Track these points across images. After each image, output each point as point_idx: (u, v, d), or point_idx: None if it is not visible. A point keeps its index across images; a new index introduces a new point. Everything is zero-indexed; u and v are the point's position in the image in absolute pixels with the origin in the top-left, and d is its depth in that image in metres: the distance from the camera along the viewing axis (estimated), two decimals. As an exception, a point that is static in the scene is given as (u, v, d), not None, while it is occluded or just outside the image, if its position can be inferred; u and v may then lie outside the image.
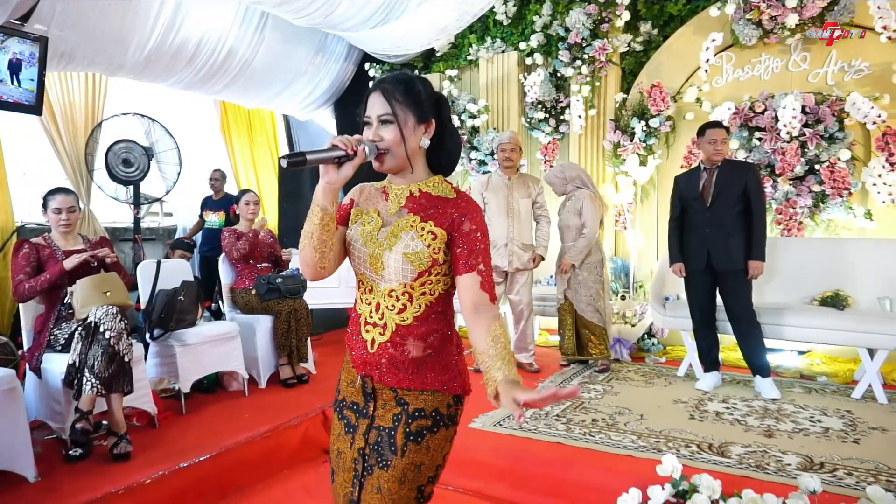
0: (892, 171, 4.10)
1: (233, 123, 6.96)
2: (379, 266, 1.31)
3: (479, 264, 1.29)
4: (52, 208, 3.02)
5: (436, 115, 1.36)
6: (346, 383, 1.41)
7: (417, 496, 1.30)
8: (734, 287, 3.58)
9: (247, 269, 4.14)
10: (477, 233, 1.31)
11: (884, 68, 4.22)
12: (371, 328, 1.33)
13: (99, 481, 2.48)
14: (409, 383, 1.31)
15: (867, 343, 3.54)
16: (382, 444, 1.29)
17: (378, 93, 1.31)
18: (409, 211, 1.34)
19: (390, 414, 1.32)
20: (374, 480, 1.28)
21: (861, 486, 2.30)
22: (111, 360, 2.77)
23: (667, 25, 5.16)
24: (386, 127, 1.30)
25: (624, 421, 3.15)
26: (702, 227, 3.64)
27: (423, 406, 1.31)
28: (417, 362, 1.31)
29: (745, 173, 3.59)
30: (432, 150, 1.39)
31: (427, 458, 1.30)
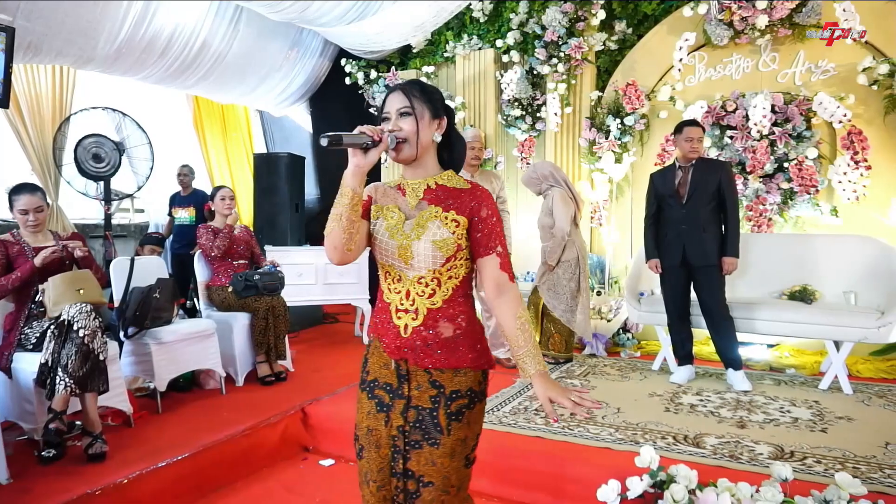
0: (857, 170, 4.24)
1: (206, 119, 6.86)
2: (408, 256, 1.42)
3: (497, 246, 1.44)
4: (18, 209, 2.93)
5: (446, 117, 1.51)
6: (379, 366, 1.49)
7: (465, 464, 1.47)
8: (708, 282, 3.66)
9: (223, 266, 4.08)
10: (493, 217, 1.44)
11: (849, 69, 4.35)
12: (403, 314, 1.44)
13: (74, 482, 2.43)
14: (444, 363, 1.42)
15: (833, 336, 3.65)
16: (426, 423, 1.42)
17: (398, 91, 1.46)
18: (430, 203, 1.46)
19: (427, 395, 1.43)
20: (425, 454, 1.42)
21: (829, 473, 2.38)
22: (85, 358, 2.71)
23: (641, 24, 5.24)
24: (404, 119, 1.43)
25: (601, 414, 3.20)
26: (677, 224, 3.71)
27: (459, 387, 1.43)
28: (449, 342, 1.43)
29: (718, 171, 3.67)
30: (443, 150, 1.53)
31: (469, 432, 1.45)
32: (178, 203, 5.71)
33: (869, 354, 4.16)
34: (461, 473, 1.45)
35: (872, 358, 4.15)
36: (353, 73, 6.40)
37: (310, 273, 5.08)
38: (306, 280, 5.06)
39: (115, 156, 4.84)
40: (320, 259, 5.12)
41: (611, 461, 2.57)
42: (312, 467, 3.09)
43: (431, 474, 1.42)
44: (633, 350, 4.71)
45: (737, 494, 2.12)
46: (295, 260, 5.01)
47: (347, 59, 6.43)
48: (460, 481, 1.45)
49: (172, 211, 5.73)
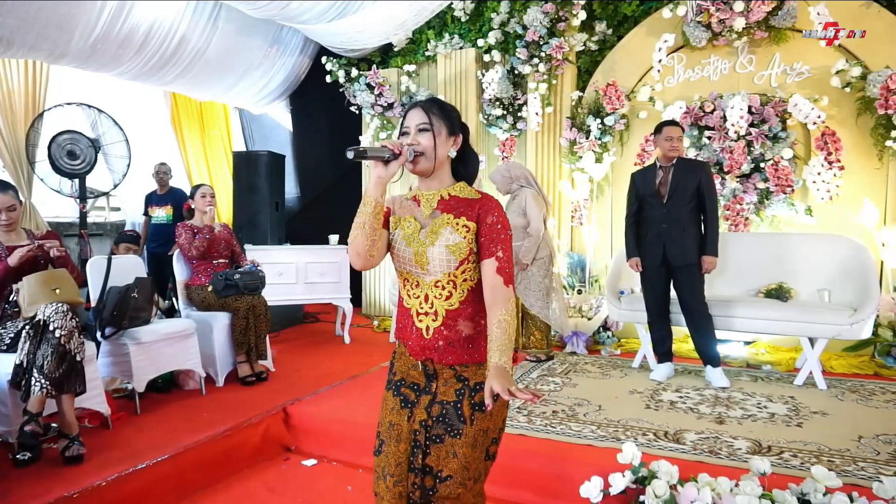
0: (830, 170, 4.34)
1: (184, 116, 6.77)
2: (424, 262, 1.51)
3: (497, 251, 1.50)
4: None
5: (462, 134, 1.60)
6: (407, 368, 1.59)
7: (486, 456, 1.52)
8: (688, 280, 3.72)
9: (203, 265, 4.03)
10: (497, 224, 1.51)
11: (823, 71, 4.45)
12: (424, 317, 1.53)
13: (51, 485, 2.38)
14: (468, 358, 1.51)
15: (808, 332, 3.73)
16: (449, 415, 1.50)
17: (418, 108, 1.55)
18: (442, 211, 1.55)
19: (452, 389, 1.51)
20: (447, 447, 1.48)
21: (806, 466, 2.43)
22: (62, 359, 2.66)
23: (621, 26, 5.30)
24: (423, 134, 1.53)
25: (583, 412, 3.23)
26: (657, 223, 3.75)
27: (482, 380, 1.49)
28: (470, 339, 1.52)
29: (698, 171, 3.71)
30: (457, 164, 1.63)
31: (491, 423, 1.52)
32: (154, 202, 5.62)
33: (842, 350, 4.26)
34: (480, 466, 1.50)
35: (845, 354, 4.25)
36: (334, 71, 6.37)
37: (290, 272, 5.04)
38: (287, 279, 5.02)
39: (91, 153, 4.74)
40: (301, 258, 5.08)
41: (593, 458, 2.59)
42: (294, 467, 3.07)
43: (451, 467, 1.46)
44: (613, 348, 4.75)
45: (717, 489, 2.16)
46: (275, 259, 4.97)
47: (328, 57, 6.40)
48: (478, 473, 1.50)
49: (149, 210, 5.63)
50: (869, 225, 4.31)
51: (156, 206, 5.59)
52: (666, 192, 3.72)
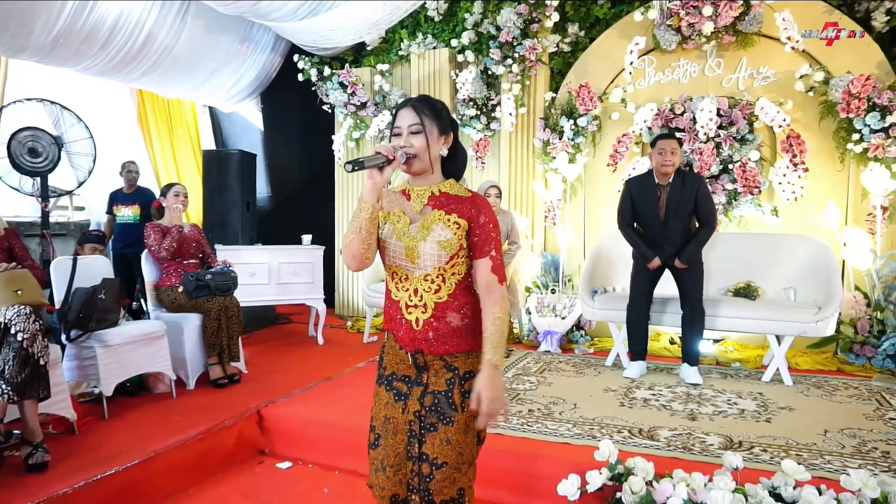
0: (795, 171, 4.45)
1: (151, 114, 6.61)
2: (415, 256, 1.55)
3: (491, 250, 1.56)
4: None
5: (453, 132, 1.63)
6: (396, 361, 1.63)
7: (478, 440, 1.60)
8: (691, 276, 3.74)
9: (173, 265, 3.94)
10: (489, 224, 1.57)
11: (787, 76, 4.57)
12: (413, 310, 1.57)
13: (13, 494, 2.30)
14: (457, 347, 1.57)
15: (775, 330, 3.82)
16: (441, 404, 1.55)
17: (409, 108, 1.57)
18: (433, 207, 1.59)
19: (443, 379, 1.57)
20: (440, 435, 1.53)
21: (776, 461, 2.49)
22: (24, 363, 2.57)
23: (593, 28, 5.35)
24: (415, 136, 1.55)
25: (559, 410, 3.25)
26: (655, 240, 3.80)
27: (472, 368, 1.56)
28: (458, 330, 1.57)
29: (694, 186, 3.71)
30: (446, 160, 1.65)
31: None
32: (120, 200, 5.46)
33: (806, 347, 4.38)
34: (472, 450, 1.58)
35: (810, 351, 4.37)
36: (306, 69, 6.29)
37: (262, 273, 4.96)
38: (259, 280, 4.94)
39: (54, 150, 4.59)
40: (273, 258, 5.01)
41: (569, 456, 2.61)
42: (269, 471, 3.02)
43: (446, 454, 1.52)
44: (586, 347, 4.80)
45: (692, 484, 2.19)
46: (247, 259, 4.88)
47: (300, 55, 6.31)
48: (471, 457, 1.58)
49: (115, 208, 5.47)
50: (832, 225, 4.44)
51: (122, 205, 5.44)
52: (665, 213, 3.75)
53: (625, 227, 3.93)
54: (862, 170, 4.33)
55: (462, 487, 1.55)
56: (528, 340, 5.03)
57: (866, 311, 4.28)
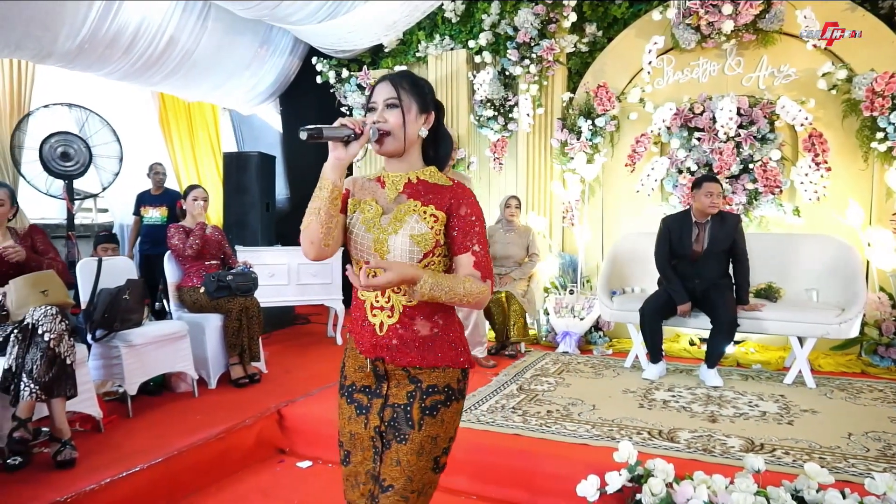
0: (818, 171, 4.39)
1: (172, 117, 6.71)
2: (384, 250, 1.36)
3: (473, 245, 1.37)
4: None
5: (435, 112, 1.46)
6: (354, 369, 1.45)
7: (433, 466, 1.38)
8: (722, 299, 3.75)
9: (195, 266, 3.99)
10: (472, 216, 1.39)
11: (809, 74, 4.50)
12: (378, 312, 1.39)
13: (42, 490, 2.35)
14: (422, 361, 1.37)
15: (798, 332, 3.77)
16: (399, 419, 1.37)
17: (386, 81, 1.40)
18: (409, 196, 1.40)
19: (404, 391, 1.38)
20: (392, 454, 1.36)
21: (798, 463, 2.47)
22: (51, 363, 2.63)
23: (611, 27, 5.33)
24: (390, 111, 1.38)
25: (577, 411, 3.25)
26: (688, 278, 3.85)
27: (436, 382, 1.38)
28: (427, 340, 1.38)
29: (731, 227, 3.79)
30: (428, 145, 1.48)
31: (442, 431, 1.39)
32: (148, 202, 5.53)
33: (830, 349, 4.31)
34: (426, 477, 1.37)
35: (833, 352, 4.31)
36: (325, 71, 6.34)
37: (282, 274, 5.01)
38: (279, 281, 4.99)
39: (85, 154, 4.71)
40: (293, 259, 5.06)
41: (588, 457, 2.61)
42: (289, 469, 3.06)
43: (394, 476, 1.35)
44: (605, 348, 4.78)
45: (712, 487, 2.18)
46: (266, 260, 4.93)
47: (318, 57, 6.37)
48: (422, 486, 1.36)
49: (142, 210, 5.54)
50: (855, 225, 4.37)
51: (149, 207, 5.50)
52: (701, 251, 3.81)
53: (663, 265, 3.95)
54: (886, 168, 4.26)
55: None
56: (546, 341, 5.02)
57: (891, 313, 4.20)
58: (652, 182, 4.87)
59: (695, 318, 3.91)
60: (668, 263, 3.92)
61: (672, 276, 3.90)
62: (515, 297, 4.56)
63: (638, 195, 4.98)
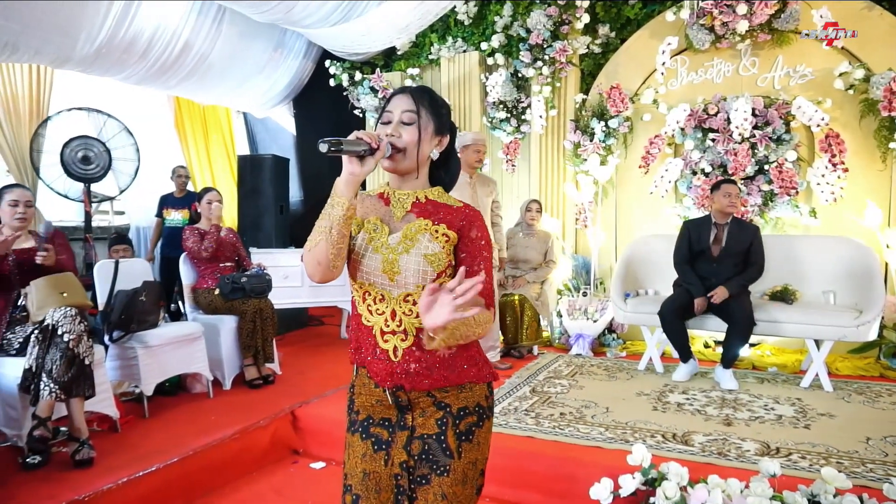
0: (834, 172, 4.34)
1: (187, 120, 6.78)
2: (395, 271, 1.29)
3: (480, 270, 1.32)
4: (9, 200, 2.87)
5: (449, 136, 1.42)
6: (371, 403, 1.36)
7: (476, 490, 1.34)
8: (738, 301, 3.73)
9: (210, 268, 4.04)
10: (481, 241, 1.34)
11: (826, 74, 4.46)
12: (391, 337, 1.30)
13: (60, 489, 2.39)
14: (445, 381, 1.31)
15: (814, 335, 3.73)
16: (434, 451, 1.29)
17: (407, 93, 1.34)
18: (417, 215, 1.35)
19: (433, 420, 1.31)
20: (434, 489, 1.27)
21: (815, 468, 2.44)
22: (70, 363, 2.67)
23: (624, 28, 5.31)
24: (406, 128, 1.32)
25: (591, 414, 3.23)
26: (705, 279, 3.84)
27: (466, 404, 1.32)
28: (446, 360, 1.31)
29: (750, 235, 3.83)
30: (436, 167, 1.43)
31: (479, 454, 1.33)
32: (171, 204, 5.55)
33: (847, 352, 4.26)
34: (471, 503, 1.32)
35: (851, 356, 4.26)
36: (338, 74, 6.38)
37: (296, 275, 5.05)
38: (292, 282, 5.02)
39: (105, 157, 4.79)
40: (306, 261, 5.08)
41: (602, 460, 2.60)
42: (303, 470, 3.08)
43: None
44: (618, 350, 4.76)
45: (727, 490, 2.16)
46: (280, 262, 4.97)
47: (331, 60, 6.41)
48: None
49: (164, 212, 5.58)
50: (873, 226, 4.32)
51: (172, 209, 5.53)
52: (719, 251, 3.84)
53: (680, 263, 3.97)
54: (905, 169, 4.21)
55: None
56: (559, 343, 5.00)
57: (910, 315, 4.15)
58: (666, 183, 4.84)
59: (710, 321, 3.87)
60: (685, 260, 3.94)
61: (688, 270, 3.91)
62: (529, 301, 4.57)
63: (651, 197, 4.96)
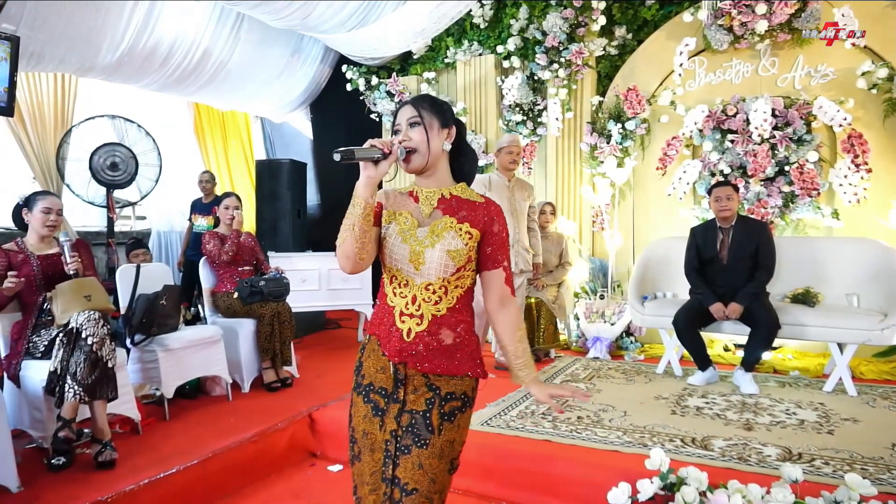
0: (857, 172, 4.27)
1: (206, 125, 6.87)
2: (420, 262, 1.44)
3: (504, 261, 1.48)
4: (42, 207, 2.94)
5: (456, 127, 1.54)
6: (375, 370, 1.52)
7: (450, 468, 1.49)
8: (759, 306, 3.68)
9: (228, 272, 4.08)
10: (503, 233, 1.49)
11: (848, 73, 4.39)
12: (407, 318, 1.46)
13: (84, 489, 2.43)
14: (444, 369, 1.46)
15: (837, 338, 3.67)
16: (418, 425, 1.44)
17: (408, 104, 1.51)
18: (444, 213, 1.49)
19: (423, 398, 1.46)
20: (413, 458, 1.43)
21: (838, 474, 2.39)
22: (94, 366, 2.72)
23: (641, 30, 5.28)
24: (413, 129, 1.47)
25: (608, 417, 3.21)
26: (718, 286, 3.79)
27: (454, 390, 1.47)
28: (449, 349, 1.46)
29: (757, 234, 3.77)
30: (454, 160, 1.56)
31: (458, 435, 1.49)
32: (198, 210, 5.62)
33: (872, 356, 4.18)
34: (445, 479, 1.47)
35: (875, 360, 4.17)
36: (354, 79, 6.43)
37: (313, 279, 5.09)
38: (310, 286, 5.06)
39: (132, 163, 4.90)
40: (323, 265, 5.13)
41: (620, 464, 2.57)
42: (320, 473, 3.09)
43: (418, 479, 1.42)
44: (636, 353, 4.72)
45: (747, 496, 2.13)
46: (298, 266, 5.01)
47: (348, 65, 6.46)
48: (443, 486, 1.46)
49: (192, 217, 5.65)
50: (898, 228, 4.24)
51: (198, 214, 5.58)
52: (726, 257, 3.79)
53: (690, 272, 3.94)
54: (931, 169, 4.13)
55: None
56: (576, 346, 4.98)
57: (937, 319, 4.06)
58: (684, 185, 4.80)
59: (731, 324, 3.82)
60: (693, 269, 3.90)
61: (698, 280, 3.88)
62: (545, 304, 4.55)
63: (669, 199, 4.92)
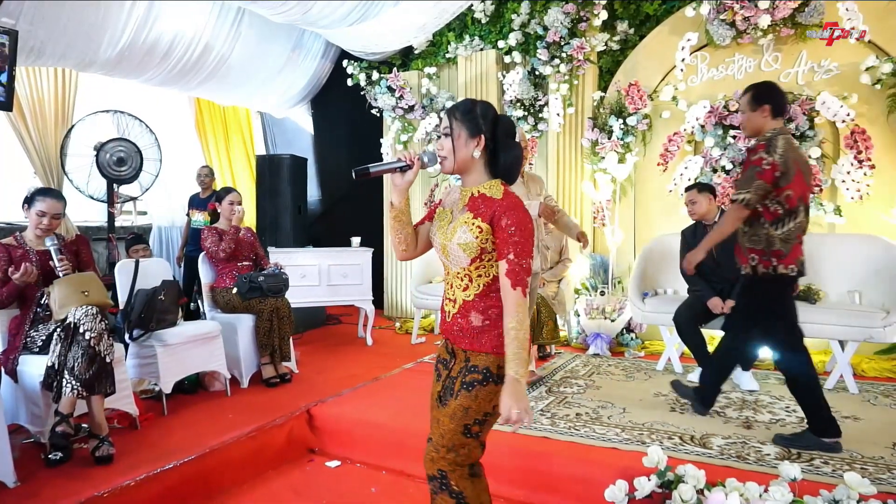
0: (860, 169, 4.24)
1: (207, 121, 6.86)
2: (446, 253, 1.67)
3: (508, 254, 1.56)
4: (37, 210, 2.92)
5: (491, 132, 1.66)
6: (441, 344, 1.82)
7: (464, 431, 1.63)
8: None
9: (227, 267, 4.08)
10: (511, 227, 1.57)
11: (852, 68, 4.35)
12: (448, 302, 1.72)
13: (81, 485, 2.43)
14: (471, 346, 1.65)
15: (839, 335, 3.65)
16: (448, 389, 1.69)
17: (445, 114, 1.71)
18: (469, 209, 1.66)
19: (458, 368, 1.69)
20: (437, 414, 1.70)
21: (837, 473, 2.38)
22: (92, 361, 2.72)
23: (643, 25, 5.25)
24: (445, 139, 1.68)
25: (607, 414, 3.20)
26: (715, 283, 3.73)
27: (478, 363, 1.63)
28: (476, 330, 1.64)
29: None
30: (493, 160, 1.69)
31: (474, 404, 1.62)
32: (195, 205, 5.62)
33: (874, 354, 4.16)
34: (456, 438, 1.63)
35: (877, 357, 4.15)
36: (355, 74, 6.40)
37: (313, 275, 5.08)
38: (310, 281, 5.05)
39: (137, 159, 4.90)
40: (324, 260, 5.12)
41: (617, 461, 2.57)
42: (318, 469, 3.09)
43: (433, 431, 1.70)
44: (636, 350, 4.70)
45: (745, 494, 2.12)
46: (298, 262, 5.01)
47: (349, 60, 6.43)
48: (452, 444, 1.64)
49: (190, 213, 5.64)
50: (901, 225, 4.21)
51: (196, 210, 5.58)
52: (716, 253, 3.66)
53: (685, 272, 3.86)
54: (934, 166, 4.09)
55: (442, 469, 1.65)
56: (576, 343, 4.97)
57: (940, 316, 4.03)
58: (685, 181, 4.77)
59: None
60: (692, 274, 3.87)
61: (693, 276, 3.81)
62: (545, 300, 4.52)
63: (671, 195, 4.89)
